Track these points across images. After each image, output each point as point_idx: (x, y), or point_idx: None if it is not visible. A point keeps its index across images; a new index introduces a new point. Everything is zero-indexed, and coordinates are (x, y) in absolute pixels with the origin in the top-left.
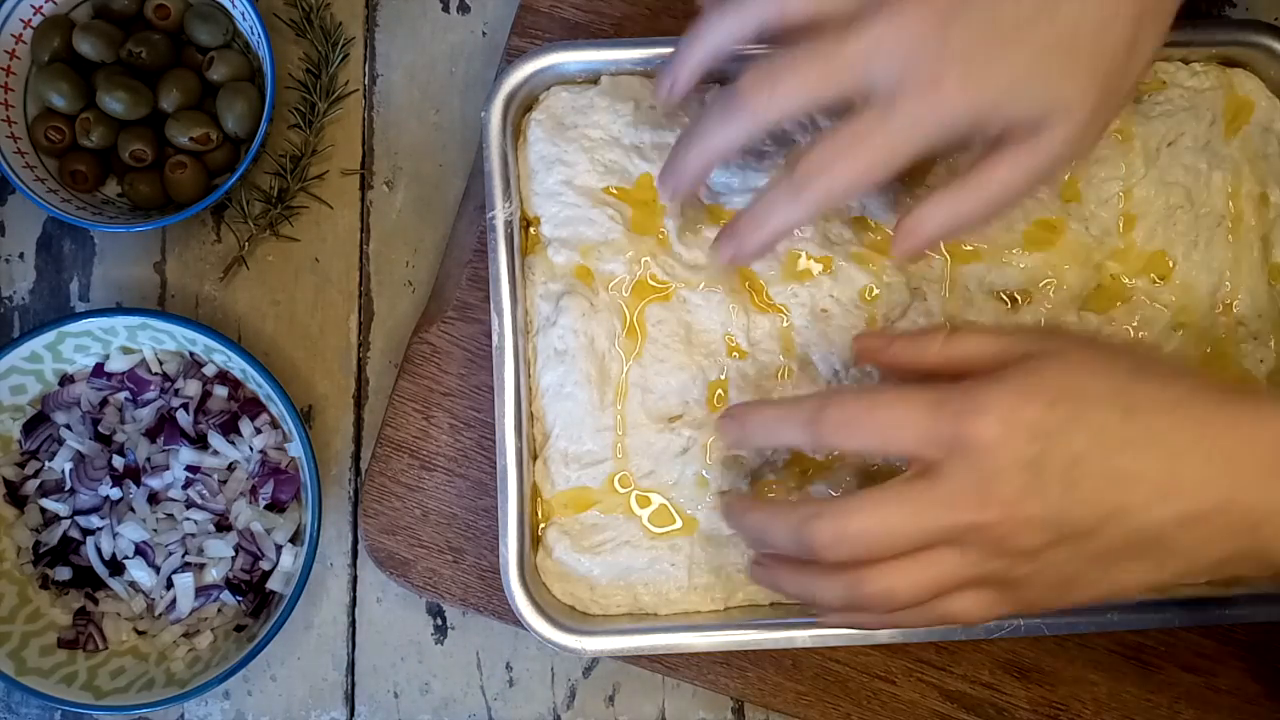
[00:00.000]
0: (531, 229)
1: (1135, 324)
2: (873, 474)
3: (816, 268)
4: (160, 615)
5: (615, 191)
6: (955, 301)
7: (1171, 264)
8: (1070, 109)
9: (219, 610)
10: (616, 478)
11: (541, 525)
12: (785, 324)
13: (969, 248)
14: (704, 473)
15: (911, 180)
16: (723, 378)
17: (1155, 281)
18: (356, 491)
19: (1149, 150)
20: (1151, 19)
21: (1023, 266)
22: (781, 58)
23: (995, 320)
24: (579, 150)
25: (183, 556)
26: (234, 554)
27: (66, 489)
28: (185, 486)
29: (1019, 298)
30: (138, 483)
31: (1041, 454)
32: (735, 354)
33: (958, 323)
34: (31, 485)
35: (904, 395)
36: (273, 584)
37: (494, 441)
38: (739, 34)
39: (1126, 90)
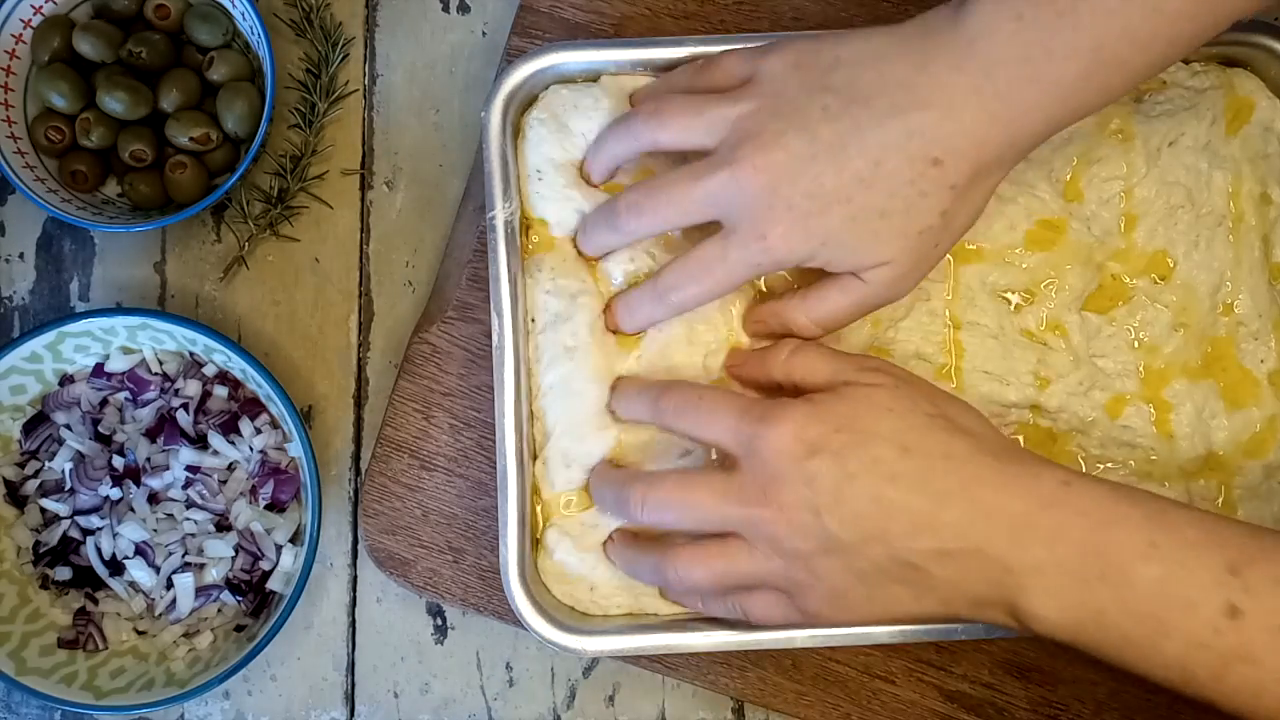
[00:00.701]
0: (532, 227)
1: (1136, 324)
2: None
3: None
4: (160, 615)
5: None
6: (958, 302)
7: (1172, 264)
8: (881, 264)
9: (219, 610)
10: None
11: (541, 526)
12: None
13: (972, 247)
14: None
15: None
16: (720, 379)
17: (1156, 281)
18: (356, 491)
19: (1150, 150)
20: (971, 188)
21: (1025, 266)
22: (649, 185)
23: (997, 321)
24: (580, 149)
25: (183, 556)
26: (234, 554)
27: (66, 489)
28: (185, 486)
29: (1021, 298)
30: (138, 483)
31: (819, 470)
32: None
33: (800, 343)
34: (31, 485)
35: (726, 396)
36: (273, 584)
37: (494, 441)
38: (628, 152)
39: (945, 246)
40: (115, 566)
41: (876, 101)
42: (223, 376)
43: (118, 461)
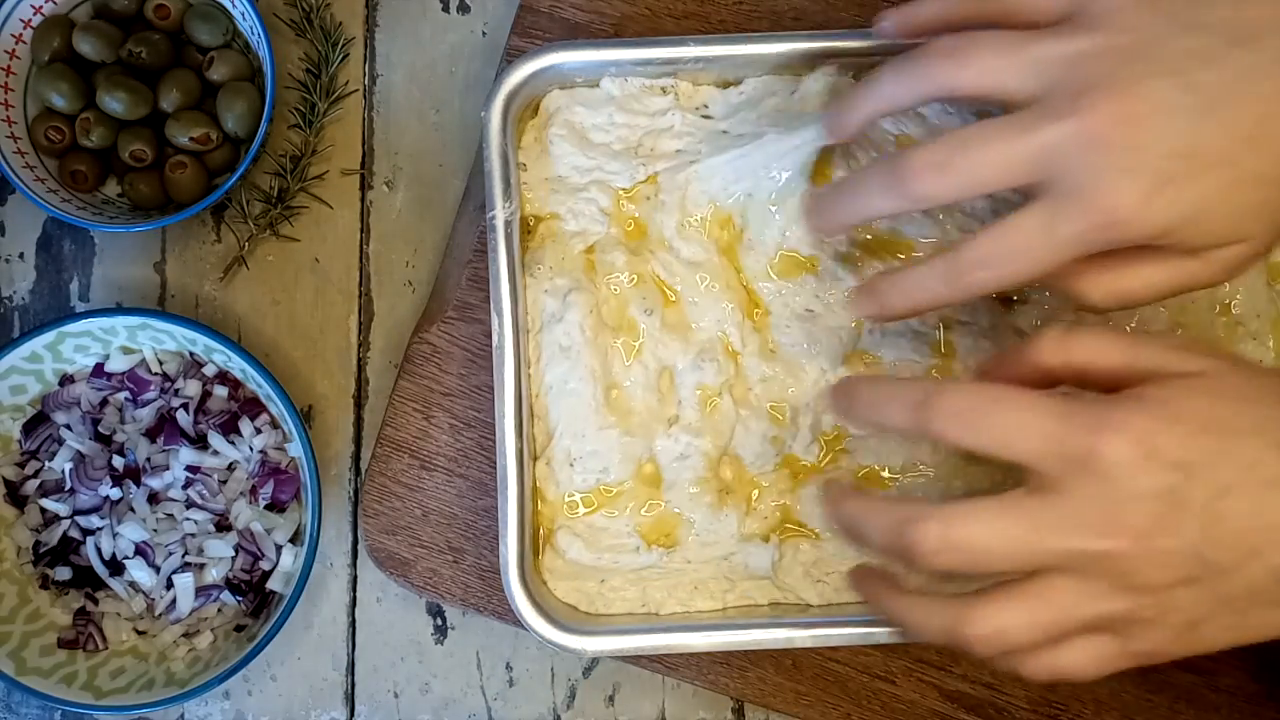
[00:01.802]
0: (533, 226)
1: (1134, 325)
2: (865, 477)
3: (799, 265)
4: (160, 615)
5: (622, 192)
6: None
7: None
8: (1237, 241)
9: (219, 610)
10: (620, 479)
11: (548, 528)
12: (769, 325)
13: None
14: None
15: None
16: (716, 381)
17: None
18: (356, 491)
19: None
20: None
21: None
22: (955, 140)
23: (990, 322)
24: (603, 156)
25: (183, 556)
26: (234, 554)
27: (66, 489)
28: (185, 486)
29: (1015, 297)
30: (138, 483)
31: (1181, 485)
32: (729, 355)
33: (1069, 321)
34: (31, 485)
35: (1031, 398)
36: (273, 584)
37: (494, 441)
38: (910, 98)
39: None
40: (115, 566)
41: (1266, 42)
42: (223, 376)
43: (118, 461)
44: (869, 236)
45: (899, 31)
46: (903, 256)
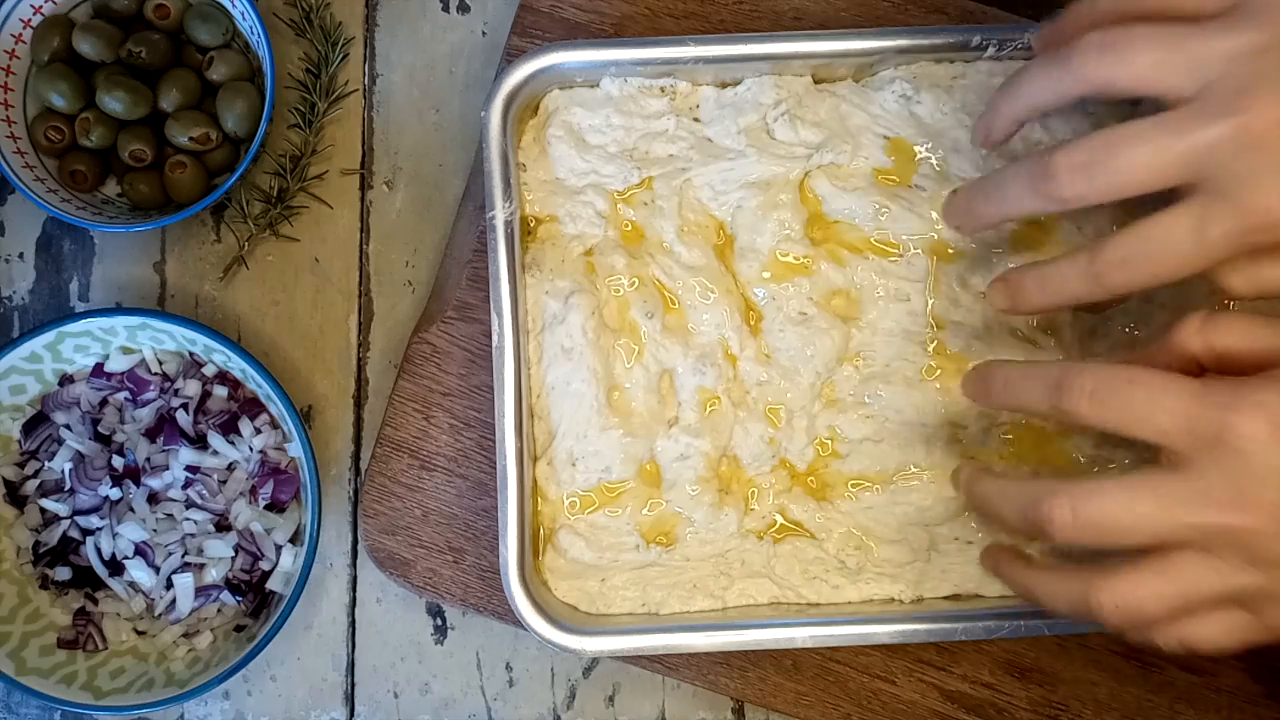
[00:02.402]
0: (534, 228)
1: (1132, 323)
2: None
3: (792, 267)
4: (160, 615)
5: (617, 194)
6: (941, 302)
7: None
8: None
9: (219, 610)
10: (623, 479)
11: (549, 527)
12: (764, 330)
13: (952, 250)
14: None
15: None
16: (715, 385)
17: None
18: (356, 491)
19: None
20: None
21: (1011, 265)
22: (1103, 140)
23: (984, 323)
24: (598, 159)
25: (182, 556)
26: (234, 554)
27: (66, 489)
28: (185, 486)
29: None
30: (137, 483)
31: None
32: (728, 359)
33: (1210, 312)
34: (31, 485)
35: (1165, 377)
36: (272, 584)
37: (494, 441)
38: (1059, 97)
39: None
40: (115, 566)
41: None
42: (222, 376)
43: (117, 461)
44: (860, 239)
45: (1060, 31)
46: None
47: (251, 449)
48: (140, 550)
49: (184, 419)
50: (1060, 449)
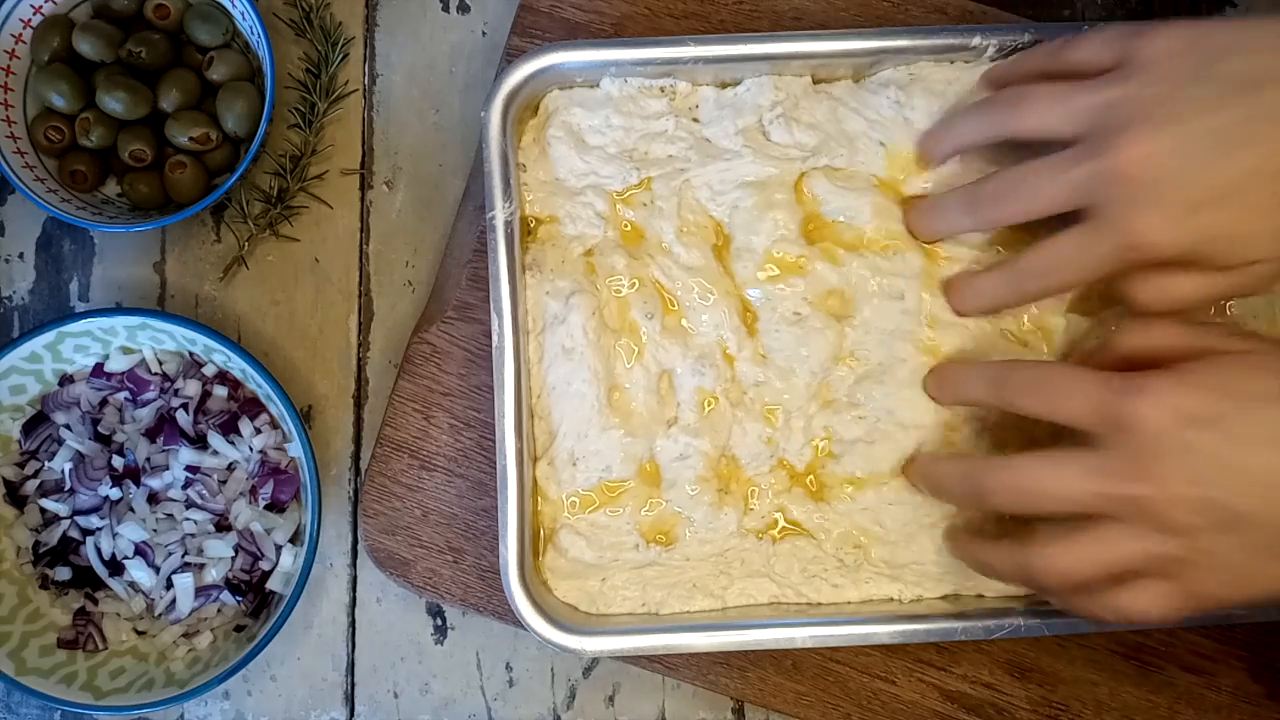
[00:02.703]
0: (534, 228)
1: (1114, 327)
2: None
3: (787, 267)
4: (160, 615)
5: (616, 195)
6: (935, 300)
7: None
8: (1261, 260)
9: (219, 610)
10: (623, 478)
11: (550, 527)
12: (760, 330)
13: (945, 254)
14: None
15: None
16: (714, 386)
17: None
18: (356, 491)
19: None
20: None
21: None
22: (1011, 175)
23: (976, 323)
24: (598, 159)
25: (182, 556)
26: (234, 554)
27: (66, 489)
28: (185, 486)
29: None
30: (137, 483)
31: (1203, 440)
32: (726, 359)
33: (1146, 319)
34: (31, 485)
35: (1079, 371)
36: (272, 584)
37: (494, 441)
38: (980, 137)
39: None
40: (115, 566)
41: (1268, 92)
42: (222, 376)
43: (117, 461)
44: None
45: (993, 83)
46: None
47: (251, 449)
48: (140, 550)
49: (184, 419)
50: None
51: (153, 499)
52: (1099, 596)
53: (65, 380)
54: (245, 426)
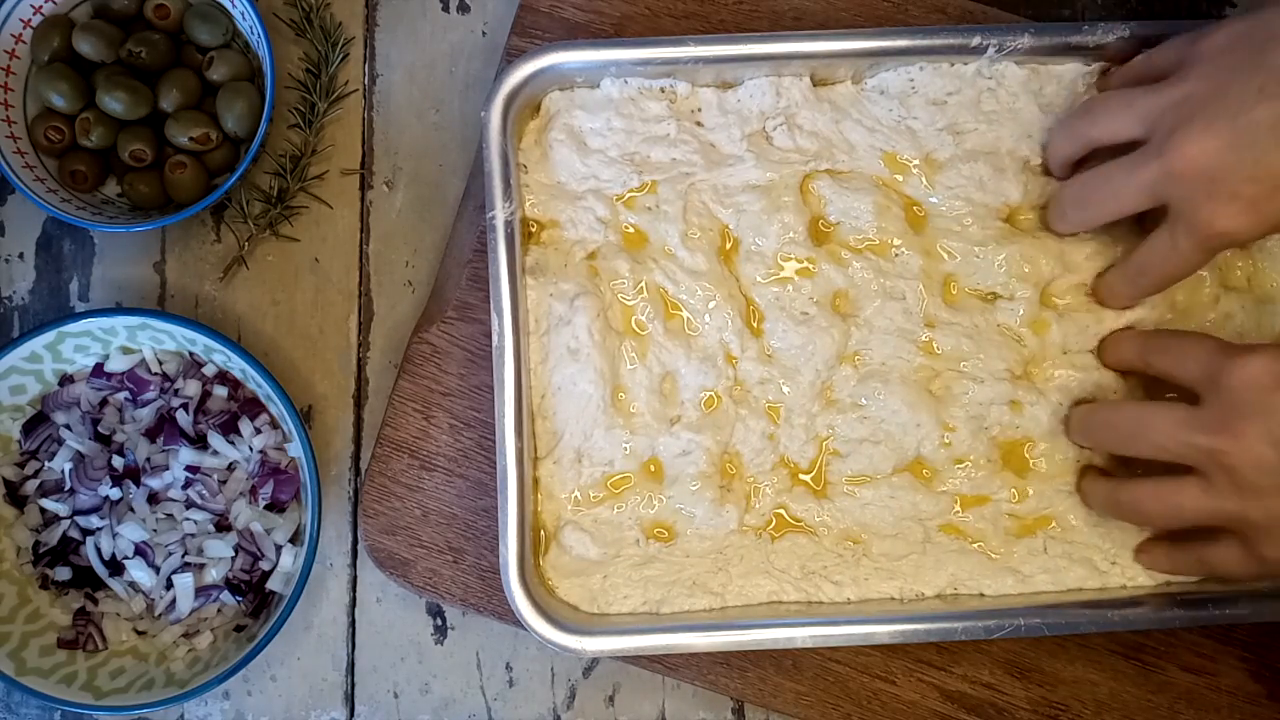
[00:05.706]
0: (536, 231)
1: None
2: None
3: (795, 269)
4: (160, 615)
5: (623, 199)
6: (934, 301)
7: None
8: None
9: (219, 610)
10: (628, 476)
11: (553, 526)
12: (765, 331)
13: (945, 254)
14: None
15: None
16: (715, 386)
17: None
18: (356, 491)
19: None
20: None
21: (998, 263)
22: (1087, 179)
23: (974, 321)
24: (598, 163)
25: (182, 557)
26: (234, 554)
27: (66, 489)
28: (185, 487)
29: (999, 291)
30: (137, 483)
31: None
32: (729, 360)
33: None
34: (31, 485)
35: (1204, 336)
36: (272, 584)
37: (494, 441)
38: (1072, 149)
39: None
40: (115, 566)
41: None
42: (222, 376)
43: (117, 461)
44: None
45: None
46: None
47: (251, 449)
48: (140, 550)
49: (184, 419)
50: (1023, 459)
51: (153, 499)
52: (1187, 551)
53: (65, 380)
54: (245, 426)
